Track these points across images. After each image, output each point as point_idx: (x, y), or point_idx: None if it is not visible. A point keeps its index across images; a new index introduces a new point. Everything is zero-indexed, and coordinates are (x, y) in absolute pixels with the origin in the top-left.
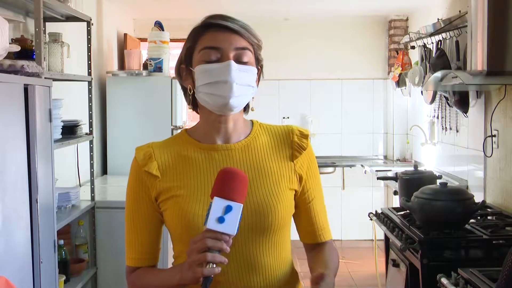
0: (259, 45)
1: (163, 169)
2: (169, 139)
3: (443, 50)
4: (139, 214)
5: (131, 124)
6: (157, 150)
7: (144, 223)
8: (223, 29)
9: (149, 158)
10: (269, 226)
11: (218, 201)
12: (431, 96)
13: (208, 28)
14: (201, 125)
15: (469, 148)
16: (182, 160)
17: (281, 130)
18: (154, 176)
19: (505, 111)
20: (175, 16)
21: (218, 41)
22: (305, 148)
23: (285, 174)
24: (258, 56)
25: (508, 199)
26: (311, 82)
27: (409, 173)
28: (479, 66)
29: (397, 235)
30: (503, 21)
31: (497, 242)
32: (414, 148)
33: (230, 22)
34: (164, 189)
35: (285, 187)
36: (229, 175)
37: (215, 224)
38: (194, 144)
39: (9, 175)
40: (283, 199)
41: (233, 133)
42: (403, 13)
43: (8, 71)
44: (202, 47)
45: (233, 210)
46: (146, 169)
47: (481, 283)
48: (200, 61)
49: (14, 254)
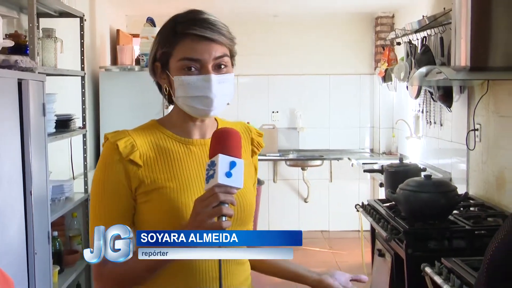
0: (234, 44)
1: (144, 159)
2: (141, 128)
3: (428, 46)
4: (116, 205)
5: (123, 118)
6: (136, 139)
7: (119, 214)
8: (202, 39)
9: (132, 147)
10: (245, 216)
11: (223, 158)
12: (416, 91)
13: (186, 35)
14: (175, 118)
15: (452, 142)
16: (162, 151)
17: (240, 127)
18: (137, 165)
19: (487, 106)
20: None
21: (197, 51)
22: (263, 146)
23: (249, 169)
24: (234, 55)
25: (490, 191)
26: (299, 77)
27: (394, 165)
28: (462, 62)
29: (382, 226)
30: (486, 18)
31: (479, 232)
32: (399, 142)
33: (209, 30)
34: (147, 180)
35: (250, 181)
36: (228, 134)
37: (224, 178)
38: (171, 137)
39: (3, 168)
40: (251, 191)
41: (207, 129)
42: (389, 10)
43: (1, 66)
44: (181, 57)
45: (237, 166)
46: (131, 157)
47: (463, 272)
48: (179, 70)
49: (9, 245)
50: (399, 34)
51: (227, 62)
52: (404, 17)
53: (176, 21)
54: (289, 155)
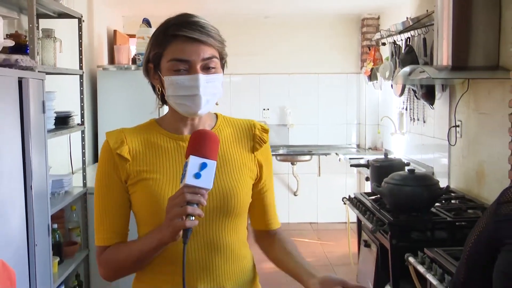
0: (224, 46)
1: (133, 153)
2: (139, 127)
3: (411, 47)
4: (110, 196)
5: (120, 115)
6: (128, 135)
7: (115, 204)
8: (191, 40)
9: (121, 142)
10: (232, 209)
11: (194, 159)
12: (400, 89)
13: (176, 36)
14: (170, 117)
15: (435, 138)
16: (152, 146)
17: (243, 124)
18: (125, 159)
19: (468, 103)
20: (161, 13)
21: (186, 52)
22: (266, 142)
23: (246, 163)
24: (224, 57)
25: (470, 184)
26: (289, 76)
27: (379, 160)
28: (444, 61)
29: (368, 218)
30: (467, 20)
31: (459, 224)
32: (384, 138)
33: (198, 32)
34: (133, 172)
35: (246, 175)
36: (202, 135)
37: (192, 179)
38: (163, 134)
39: (4, 163)
40: (244, 185)
41: (199, 126)
42: (375, 12)
43: (2, 65)
44: (171, 58)
45: (208, 167)
46: (118, 152)
47: (445, 262)
48: (169, 70)
49: (10, 237)
50: (384, 35)
51: (216, 64)
52: (389, 19)
53: (168, 24)
54: (279, 150)
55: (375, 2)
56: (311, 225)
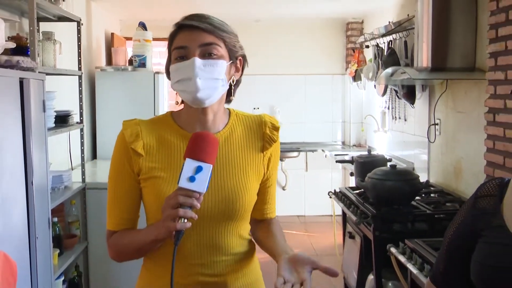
0: (232, 38)
1: (147, 149)
2: (155, 119)
3: (393, 49)
4: (122, 185)
5: (118, 114)
6: (144, 129)
7: (126, 193)
8: (191, 28)
9: (136, 136)
10: (235, 213)
11: (190, 162)
12: (382, 89)
13: (180, 29)
14: (184, 113)
15: (415, 135)
16: (165, 143)
17: (254, 120)
18: (138, 154)
19: (446, 103)
20: (157, 17)
21: (184, 40)
22: (276, 141)
23: (254, 165)
24: (232, 48)
25: (448, 179)
26: (278, 77)
27: (363, 156)
28: (424, 63)
29: (353, 211)
30: (445, 24)
31: (438, 216)
32: (368, 135)
33: (196, 21)
34: (145, 168)
35: (253, 177)
36: (200, 138)
37: (186, 182)
38: (177, 130)
39: (6, 160)
40: (250, 188)
41: (212, 125)
42: (359, 16)
43: (4, 66)
44: (174, 47)
45: (203, 170)
46: (133, 146)
47: (425, 252)
48: (172, 60)
49: (12, 231)
50: (367, 38)
51: (218, 51)
52: (372, 23)
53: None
54: None
55: (359, 7)
56: (298, 218)
